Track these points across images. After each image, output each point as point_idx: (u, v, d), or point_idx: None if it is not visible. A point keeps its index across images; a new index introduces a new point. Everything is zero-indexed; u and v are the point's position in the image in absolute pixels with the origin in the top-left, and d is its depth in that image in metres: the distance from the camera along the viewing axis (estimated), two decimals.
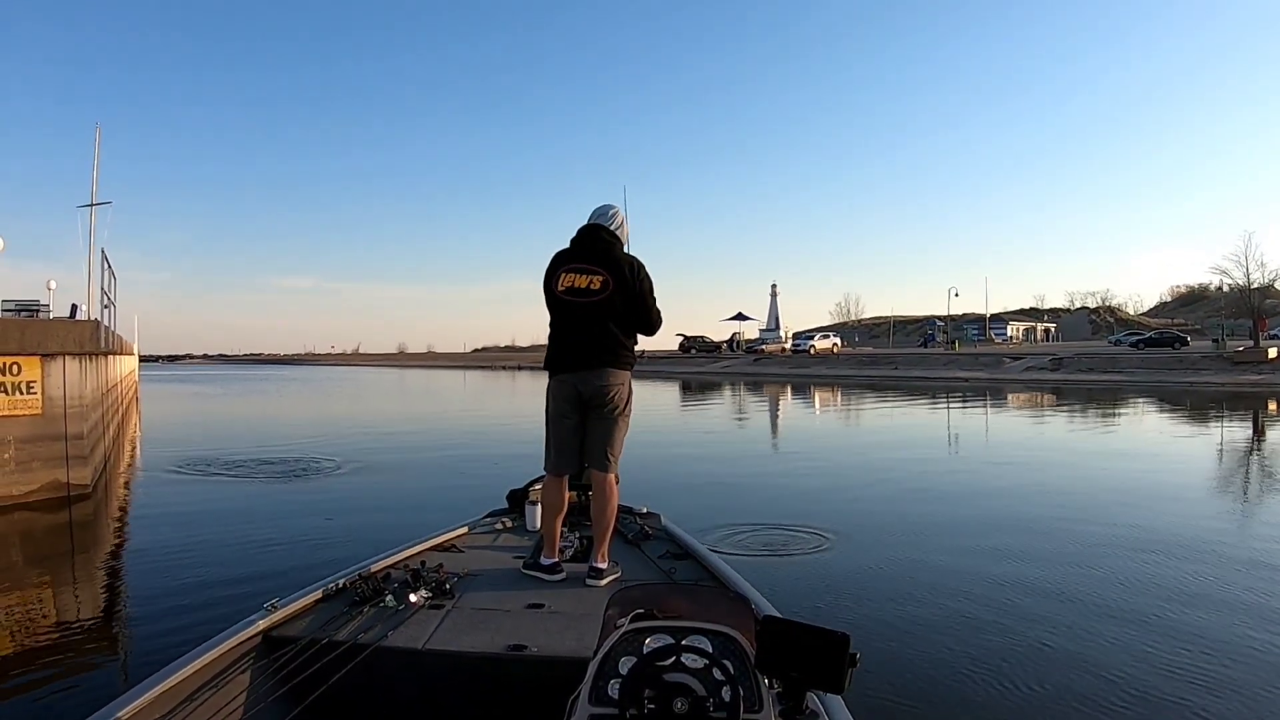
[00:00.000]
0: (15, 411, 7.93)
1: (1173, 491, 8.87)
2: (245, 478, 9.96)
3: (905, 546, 6.24)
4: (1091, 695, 3.48)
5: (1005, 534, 6.61)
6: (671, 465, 11.34)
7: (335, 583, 3.18)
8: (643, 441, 13.06)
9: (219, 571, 5.51)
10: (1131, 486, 9.18)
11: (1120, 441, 14.67)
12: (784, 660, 1.75)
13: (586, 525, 4.02)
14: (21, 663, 3.97)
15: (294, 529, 7.00)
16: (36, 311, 13.63)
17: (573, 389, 3.68)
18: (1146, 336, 54.57)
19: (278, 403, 30.38)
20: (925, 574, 5.42)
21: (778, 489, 9.32)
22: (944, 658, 3.96)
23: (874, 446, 14.15)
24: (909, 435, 16.24)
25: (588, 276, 3.63)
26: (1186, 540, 6.29)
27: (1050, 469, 10.75)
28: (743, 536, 6.37)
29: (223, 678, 2.48)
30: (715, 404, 27.23)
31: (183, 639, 3.46)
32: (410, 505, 8.19)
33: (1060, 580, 5.23)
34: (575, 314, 3.66)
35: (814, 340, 60.00)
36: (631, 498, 4.53)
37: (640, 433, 5.20)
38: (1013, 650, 4.01)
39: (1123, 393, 27.29)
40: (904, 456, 12.16)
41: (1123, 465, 11.16)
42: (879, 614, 4.63)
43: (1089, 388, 30.69)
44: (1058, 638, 4.19)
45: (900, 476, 10.14)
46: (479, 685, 2.65)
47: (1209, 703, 3.39)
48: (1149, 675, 3.68)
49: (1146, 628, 4.33)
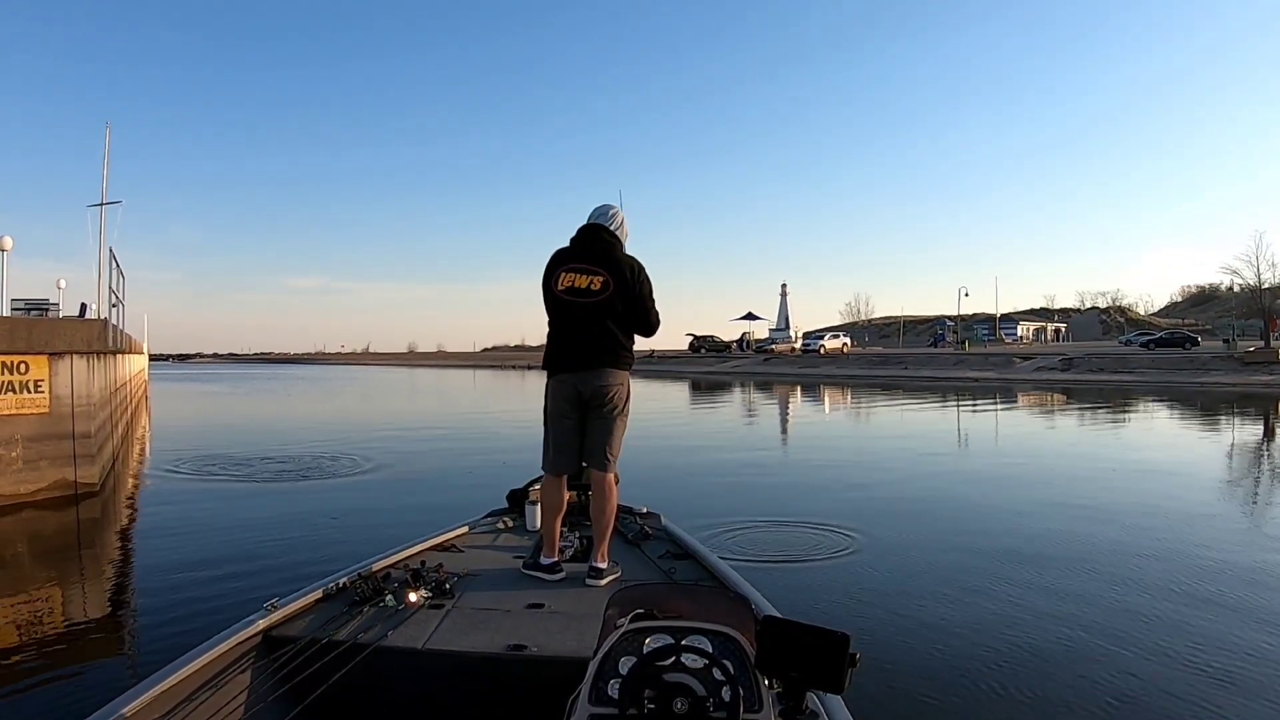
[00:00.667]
0: (23, 410, 7.96)
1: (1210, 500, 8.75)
2: (253, 478, 9.98)
3: (931, 547, 6.23)
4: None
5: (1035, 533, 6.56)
6: (685, 458, 11.34)
7: (335, 582, 3.18)
8: (657, 438, 13.15)
9: (223, 570, 5.51)
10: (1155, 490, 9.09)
11: (1135, 440, 14.59)
12: (784, 660, 1.74)
13: (586, 525, 4.02)
14: (23, 660, 3.98)
15: (299, 529, 7.00)
16: (46, 310, 13.70)
17: (572, 389, 3.69)
18: (1157, 337, 54.22)
19: (287, 402, 30.46)
20: (952, 574, 5.40)
21: (789, 486, 9.30)
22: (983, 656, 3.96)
23: (886, 443, 14.11)
24: (921, 434, 16.17)
25: (588, 276, 3.64)
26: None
27: (1063, 464, 10.70)
28: (756, 533, 6.40)
29: (222, 677, 2.48)
30: (724, 404, 27.23)
31: (187, 638, 3.44)
32: (416, 505, 8.19)
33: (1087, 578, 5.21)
34: (575, 314, 3.67)
35: (824, 340, 59.89)
36: (647, 498, 4.52)
37: (651, 432, 5.17)
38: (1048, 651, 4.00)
39: (1133, 393, 27.12)
40: (920, 453, 12.17)
41: (1131, 458, 11.08)
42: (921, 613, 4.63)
43: (1099, 388, 30.52)
44: (1084, 635, 4.17)
45: (918, 474, 10.12)
46: (479, 685, 2.65)
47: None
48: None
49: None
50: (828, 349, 57.05)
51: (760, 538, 6.33)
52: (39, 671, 3.84)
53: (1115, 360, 38.98)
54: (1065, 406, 23.00)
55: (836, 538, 6.29)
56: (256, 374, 68.74)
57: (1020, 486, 9.33)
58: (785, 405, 26.21)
